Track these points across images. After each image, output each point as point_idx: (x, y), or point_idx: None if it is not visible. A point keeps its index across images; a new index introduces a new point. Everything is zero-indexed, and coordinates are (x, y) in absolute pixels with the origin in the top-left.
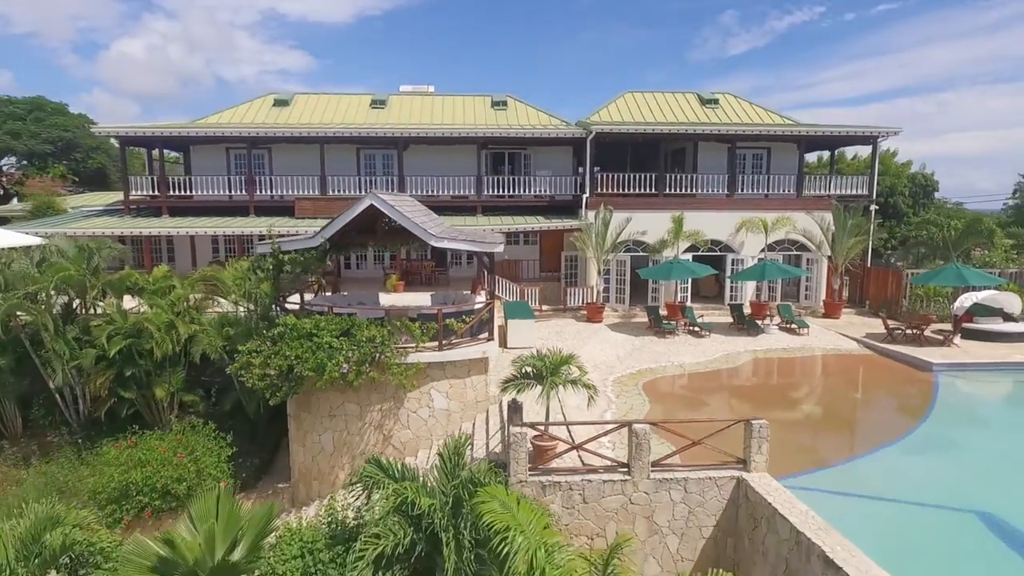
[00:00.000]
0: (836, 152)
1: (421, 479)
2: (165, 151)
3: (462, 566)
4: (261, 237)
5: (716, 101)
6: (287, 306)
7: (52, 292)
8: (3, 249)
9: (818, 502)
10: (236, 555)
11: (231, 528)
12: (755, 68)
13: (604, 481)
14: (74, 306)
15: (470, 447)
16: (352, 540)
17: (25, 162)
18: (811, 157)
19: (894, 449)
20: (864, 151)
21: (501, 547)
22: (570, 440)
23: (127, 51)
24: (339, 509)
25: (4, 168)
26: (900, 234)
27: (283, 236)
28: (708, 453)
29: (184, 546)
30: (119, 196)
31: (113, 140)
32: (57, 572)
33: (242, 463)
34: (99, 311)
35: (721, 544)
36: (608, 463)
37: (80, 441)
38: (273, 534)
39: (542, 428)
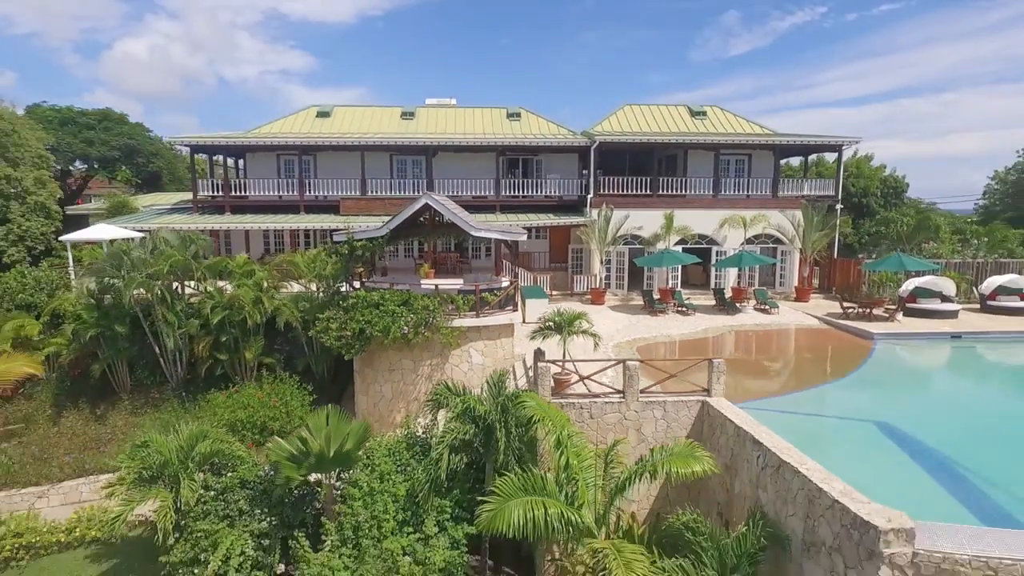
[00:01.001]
0: (815, 157)
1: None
2: (218, 157)
3: (510, 445)
4: (335, 230)
5: (704, 113)
6: (356, 284)
7: (165, 273)
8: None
9: (761, 416)
10: (346, 448)
11: (339, 434)
12: (757, 68)
13: (605, 403)
14: (174, 286)
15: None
16: (424, 445)
17: (96, 166)
18: (796, 160)
19: (827, 387)
20: (846, 154)
21: (536, 430)
22: (579, 374)
23: (130, 51)
24: (412, 428)
25: (73, 171)
26: (872, 230)
27: (340, 230)
28: (681, 384)
29: (311, 443)
30: (181, 196)
31: (183, 148)
32: (204, 473)
33: (315, 410)
34: (190, 291)
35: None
36: (608, 390)
37: (183, 395)
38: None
39: (561, 364)
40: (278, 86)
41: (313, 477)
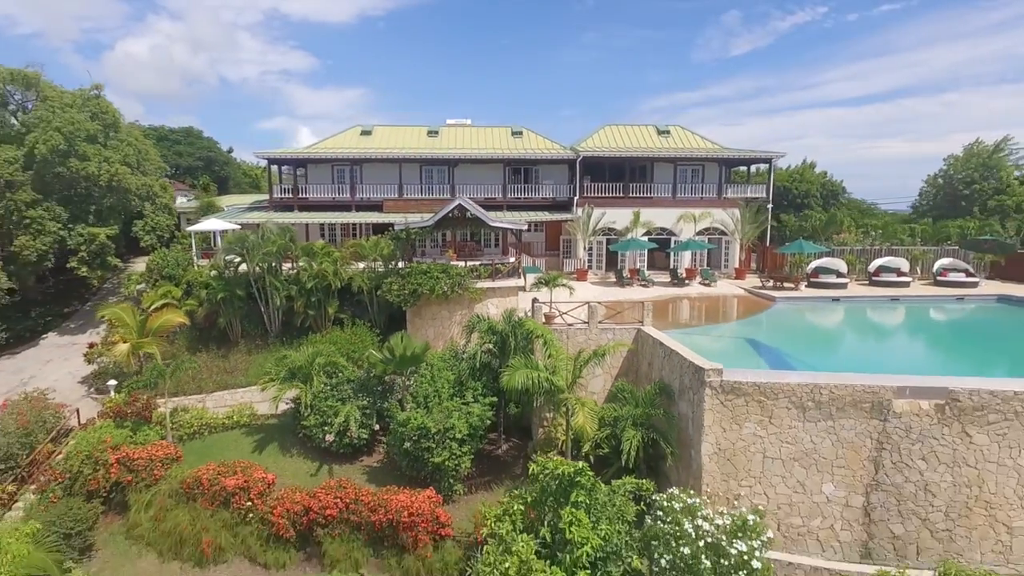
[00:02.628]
0: (764, 166)
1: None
2: (285, 167)
3: (517, 345)
4: (379, 224)
5: (668, 132)
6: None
7: (273, 252)
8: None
9: (676, 337)
10: (415, 353)
11: (410, 346)
12: (758, 68)
13: (576, 329)
14: (273, 264)
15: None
16: (461, 356)
17: (180, 172)
18: (782, 163)
19: (726, 325)
20: (794, 161)
21: (533, 337)
22: (559, 312)
23: (131, 51)
24: (455, 347)
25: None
26: (797, 224)
27: (384, 224)
28: (626, 320)
29: (396, 349)
30: (253, 197)
31: (263, 160)
32: (319, 376)
33: (383, 343)
34: (286, 267)
35: (629, 359)
36: (578, 321)
37: (280, 341)
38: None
39: (548, 304)
40: (279, 86)
41: (388, 379)
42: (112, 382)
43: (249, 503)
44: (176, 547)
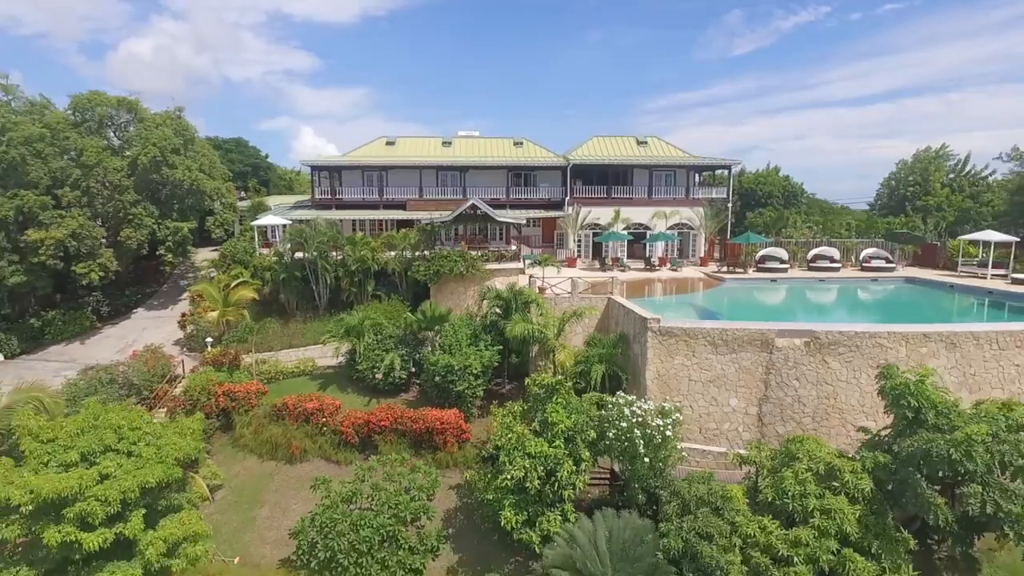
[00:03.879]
0: (727, 170)
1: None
2: (322, 172)
3: (517, 307)
4: (412, 221)
5: (646, 142)
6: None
7: (325, 242)
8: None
9: (640, 303)
10: (441, 314)
11: (436, 309)
12: (760, 67)
13: (562, 298)
14: (324, 251)
15: None
16: (474, 319)
17: (232, 177)
18: (751, 167)
19: (681, 296)
20: (759, 163)
21: (529, 302)
22: (550, 284)
23: (135, 51)
24: (468, 313)
25: None
26: (753, 221)
27: (408, 220)
28: (600, 290)
29: (427, 312)
30: (296, 198)
31: (307, 168)
32: (368, 333)
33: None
34: (330, 254)
35: (602, 320)
36: (564, 292)
37: (329, 312)
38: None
39: (541, 279)
40: (281, 86)
41: (421, 335)
42: (209, 339)
43: (324, 419)
44: (271, 451)
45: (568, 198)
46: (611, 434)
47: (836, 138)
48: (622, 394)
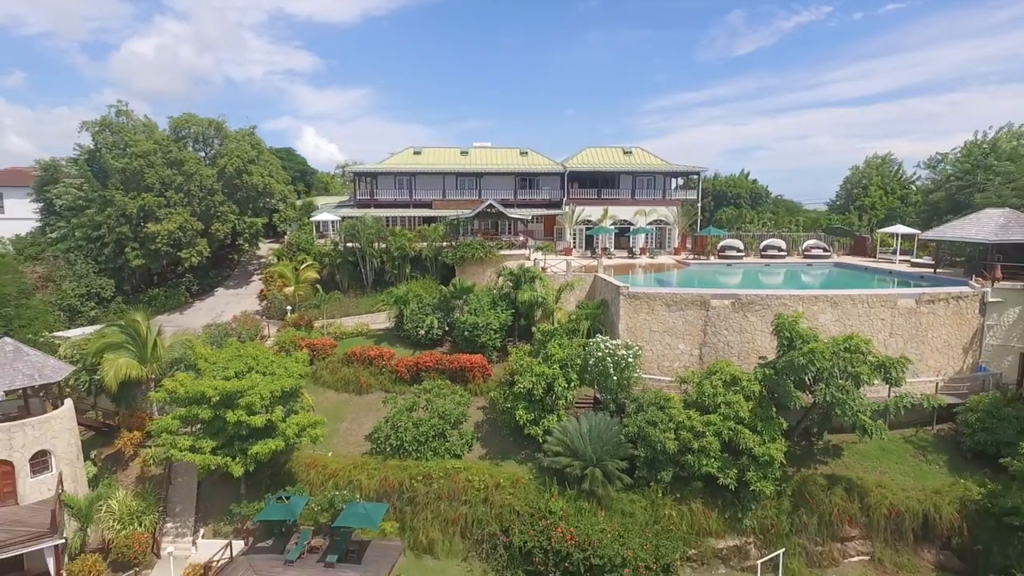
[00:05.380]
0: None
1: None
2: (363, 177)
3: (525, 281)
4: (437, 217)
5: (631, 152)
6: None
7: (372, 234)
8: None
9: (621, 279)
10: (468, 287)
11: (463, 284)
12: (762, 68)
13: (559, 275)
14: (371, 241)
15: None
16: (491, 291)
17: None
18: (724, 171)
19: (655, 275)
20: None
21: (533, 277)
22: (549, 264)
23: (137, 51)
24: (487, 286)
25: None
26: (719, 218)
27: (434, 217)
28: (590, 271)
29: (457, 286)
30: (338, 198)
31: (351, 172)
32: (413, 301)
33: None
34: (374, 243)
35: (590, 292)
36: (561, 271)
37: (374, 289)
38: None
39: (543, 261)
40: (283, 86)
41: (452, 303)
42: (288, 307)
43: (384, 363)
44: (344, 385)
45: (565, 199)
46: (591, 361)
47: (837, 138)
48: (600, 335)
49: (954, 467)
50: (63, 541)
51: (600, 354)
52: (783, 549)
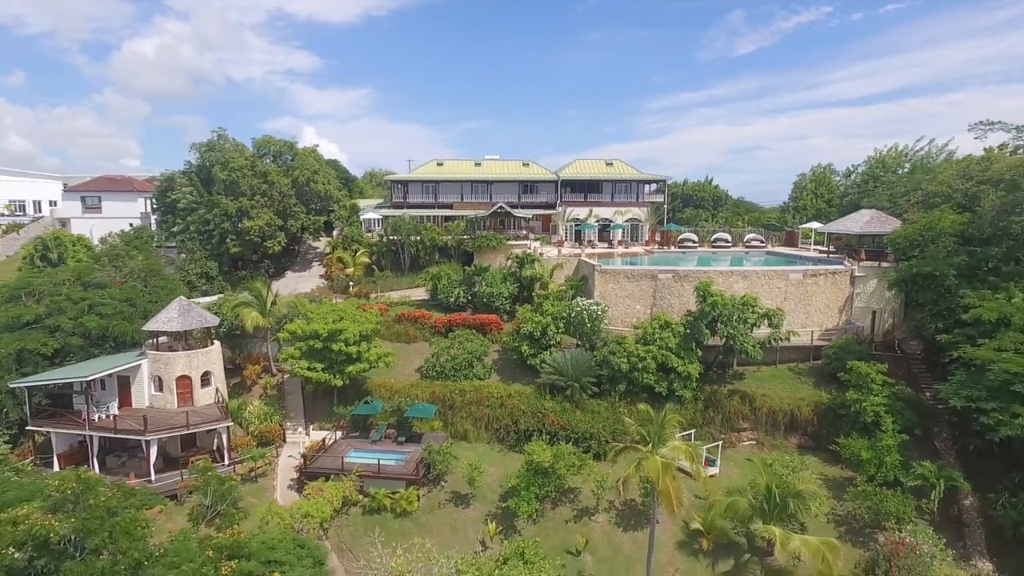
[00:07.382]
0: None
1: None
2: (397, 184)
3: (527, 261)
4: (457, 216)
5: (612, 164)
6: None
7: (410, 228)
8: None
9: (603, 263)
10: (486, 267)
11: (481, 265)
12: (762, 68)
13: (553, 259)
14: (409, 234)
15: None
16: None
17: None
18: (693, 178)
19: (632, 260)
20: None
21: (533, 259)
22: (544, 252)
23: (138, 51)
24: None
25: None
26: (680, 216)
27: (455, 215)
28: (575, 256)
29: (478, 266)
30: (374, 201)
31: (388, 180)
32: (445, 277)
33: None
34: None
35: (576, 271)
36: (552, 256)
37: (411, 271)
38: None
39: (540, 249)
40: (284, 86)
41: (473, 279)
42: (351, 283)
43: (425, 321)
44: (396, 337)
45: (559, 201)
46: (573, 314)
47: (837, 138)
48: (580, 299)
49: (817, 385)
50: (231, 423)
51: (579, 309)
52: (693, 430)
